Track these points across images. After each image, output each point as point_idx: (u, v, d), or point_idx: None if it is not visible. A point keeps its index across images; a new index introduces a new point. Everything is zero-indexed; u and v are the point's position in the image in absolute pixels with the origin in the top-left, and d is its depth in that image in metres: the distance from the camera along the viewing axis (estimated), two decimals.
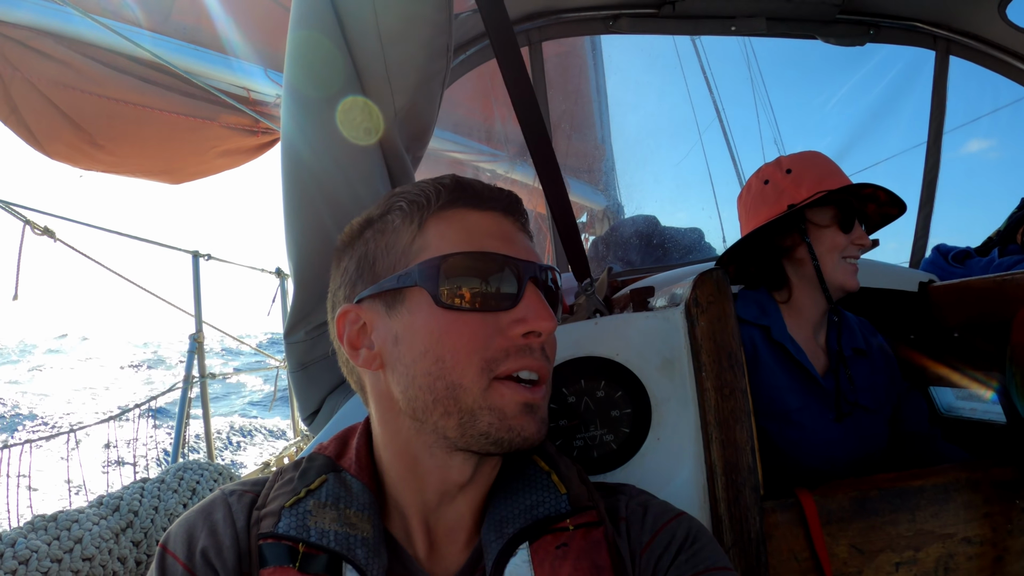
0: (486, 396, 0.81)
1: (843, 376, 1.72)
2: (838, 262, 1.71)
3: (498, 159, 4.49)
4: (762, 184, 1.81)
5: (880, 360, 1.84)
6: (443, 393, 0.81)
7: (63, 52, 3.64)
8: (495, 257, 0.85)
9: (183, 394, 4.64)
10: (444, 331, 0.82)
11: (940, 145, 2.98)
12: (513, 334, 0.83)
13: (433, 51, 1.28)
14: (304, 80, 1.29)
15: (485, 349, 0.82)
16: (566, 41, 4.08)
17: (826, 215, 1.73)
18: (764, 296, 1.81)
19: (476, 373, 0.81)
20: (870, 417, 1.74)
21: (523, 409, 0.82)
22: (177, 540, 0.83)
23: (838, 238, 1.71)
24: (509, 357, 0.82)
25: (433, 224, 0.87)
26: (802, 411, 1.69)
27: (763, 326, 1.75)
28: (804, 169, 1.75)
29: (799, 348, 1.73)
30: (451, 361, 0.81)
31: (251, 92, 4.08)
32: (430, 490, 0.87)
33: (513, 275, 0.85)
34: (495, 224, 0.89)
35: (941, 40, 2.87)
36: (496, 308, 0.83)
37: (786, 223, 1.75)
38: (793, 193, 1.72)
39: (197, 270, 5.04)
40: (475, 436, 0.82)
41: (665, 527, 0.90)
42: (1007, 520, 1.25)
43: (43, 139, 3.85)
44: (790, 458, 1.68)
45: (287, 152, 1.34)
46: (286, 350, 1.49)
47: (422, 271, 0.83)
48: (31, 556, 2.28)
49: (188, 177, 4.62)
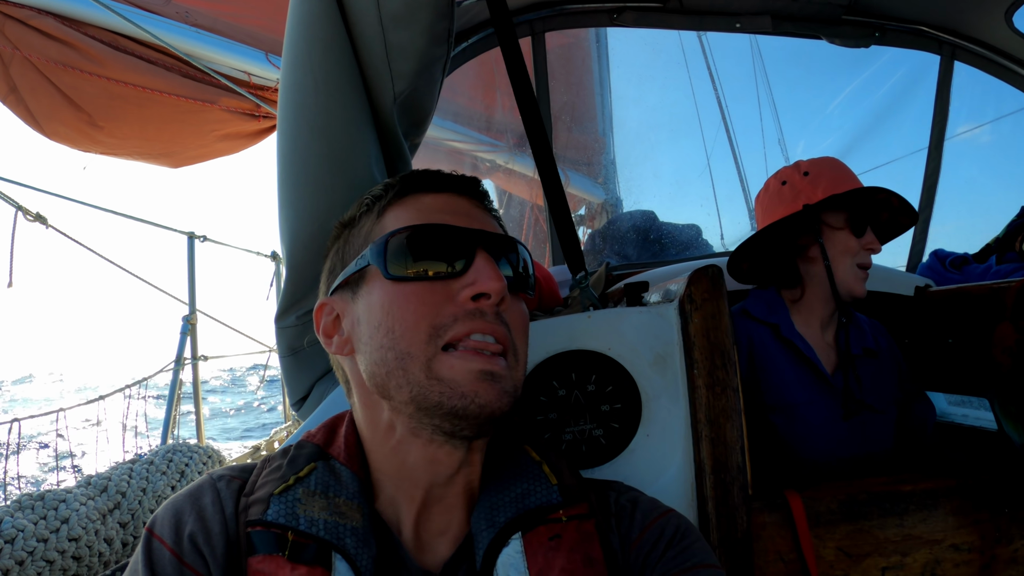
0: (433, 365, 0.81)
1: (851, 375, 1.76)
2: (849, 267, 1.76)
3: (497, 149, 4.47)
4: (780, 185, 1.87)
5: (889, 362, 1.88)
6: (394, 364, 0.82)
7: (64, 31, 3.60)
8: (442, 228, 0.86)
9: (174, 375, 4.63)
10: (393, 302, 0.83)
11: (941, 150, 2.97)
12: (462, 299, 0.83)
13: (434, 36, 1.27)
14: (302, 62, 1.28)
15: (434, 316, 0.82)
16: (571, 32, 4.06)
17: (839, 218, 1.78)
18: (773, 295, 1.88)
19: (424, 341, 0.81)
20: (876, 417, 1.78)
21: (479, 376, 0.80)
22: (164, 524, 0.82)
23: (850, 241, 1.76)
24: (458, 322, 0.82)
25: (390, 211, 0.91)
26: (809, 406, 1.74)
27: (772, 324, 1.81)
28: (821, 172, 1.81)
29: (808, 345, 1.78)
30: (399, 331, 0.82)
31: (252, 76, 4.05)
32: (419, 478, 0.87)
33: (462, 243, 0.86)
34: (448, 202, 0.92)
35: (946, 45, 2.86)
36: (443, 277, 0.84)
37: (801, 223, 1.80)
38: (809, 194, 1.78)
39: (192, 251, 5.05)
40: (430, 409, 0.80)
41: (654, 523, 0.90)
42: (995, 527, 1.25)
43: (42, 119, 3.82)
44: (795, 452, 1.72)
45: (283, 134, 1.33)
46: (276, 334, 1.47)
47: (373, 249, 0.86)
48: (17, 535, 2.27)
49: (188, 161, 4.60)
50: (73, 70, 3.67)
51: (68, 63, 3.65)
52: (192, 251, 5.02)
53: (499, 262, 0.88)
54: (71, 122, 3.83)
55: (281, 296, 1.42)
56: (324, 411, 1.19)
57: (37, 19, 3.57)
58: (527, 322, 0.92)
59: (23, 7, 3.53)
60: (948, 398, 2.54)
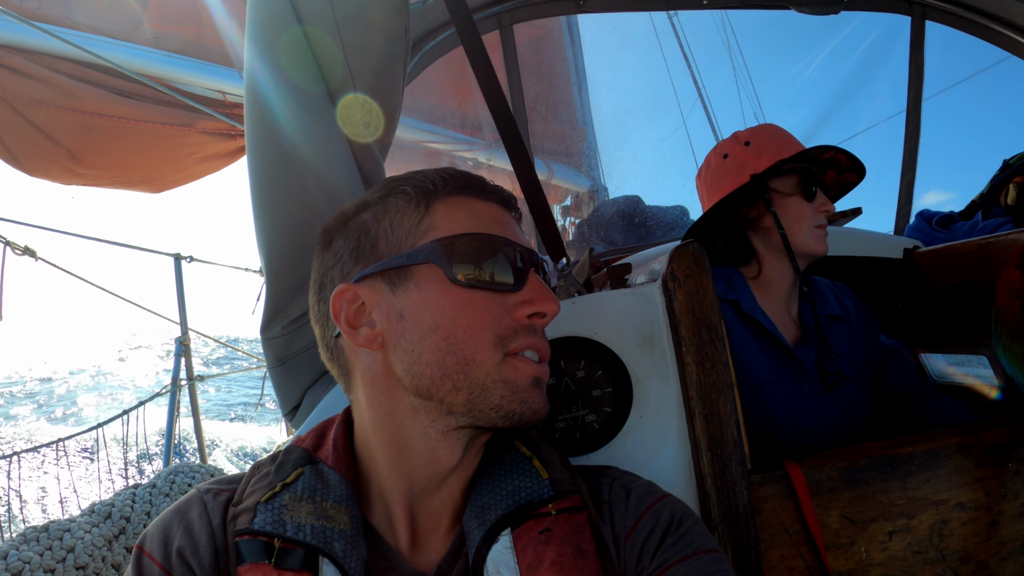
0: (500, 370, 0.83)
1: (823, 347, 1.71)
2: (807, 231, 1.70)
3: (476, 147, 4.46)
4: (721, 159, 1.81)
5: (857, 320, 1.83)
6: (452, 368, 0.82)
7: (35, 68, 3.59)
8: (505, 241, 0.88)
9: (171, 397, 4.63)
10: (457, 307, 0.84)
11: (920, 112, 2.95)
12: (519, 315, 0.86)
13: (391, 34, 1.27)
14: (262, 70, 1.27)
15: (497, 326, 0.84)
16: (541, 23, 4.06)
17: (788, 183, 1.72)
18: (732, 271, 1.80)
19: (490, 348, 0.83)
20: (849, 384, 1.72)
21: (533, 382, 0.85)
22: (153, 540, 0.83)
23: (803, 207, 1.70)
24: (518, 335, 0.85)
25: (440, 207, 0.90)
26: (775, 384, 1.67)
27: (732, 301, 1.74)
28: (763, 141, 1.75)
29: (769, 320, 1.72)
30: (463, 336, 0.83)
31: (227, 95, 4.05)
32: (418, 475, 0.87)
33: (519, 260, 0.88)
34: (499, 214, 0.93)
35: (916, 5, 2.84)
36: (504, 289, 0.86)
37: (750, 193, 1.75)
38: (754, 164, 1.72)
39: (180, 273, 5.04)
40: (484, 410, 0.83)
41: (649, 510, 0.89)
42: (1000, 484, 1.24)
43: (22, 158, 3.81)
44: (768, 433, 1.66)
45: (251, 145, 1.32)
46: (263, 346, 1.46)
47: (434, 249, 0.85)
48: (23, 568, 2.25)
49: (169, 185, 4.59)
50: (48, 106, 3.65)
51: (42, 100, 3.64)
52: (180, 272, 5.01)
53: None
54: (50, 158, 3.82)
55: (264, 307, 1.41)
56: (317, 417, 1.18)
57: (8, 58, 3.55)
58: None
59: None
60: (946, 358, 2.53)
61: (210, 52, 3.97)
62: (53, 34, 3.32)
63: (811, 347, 1.72)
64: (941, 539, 1.21)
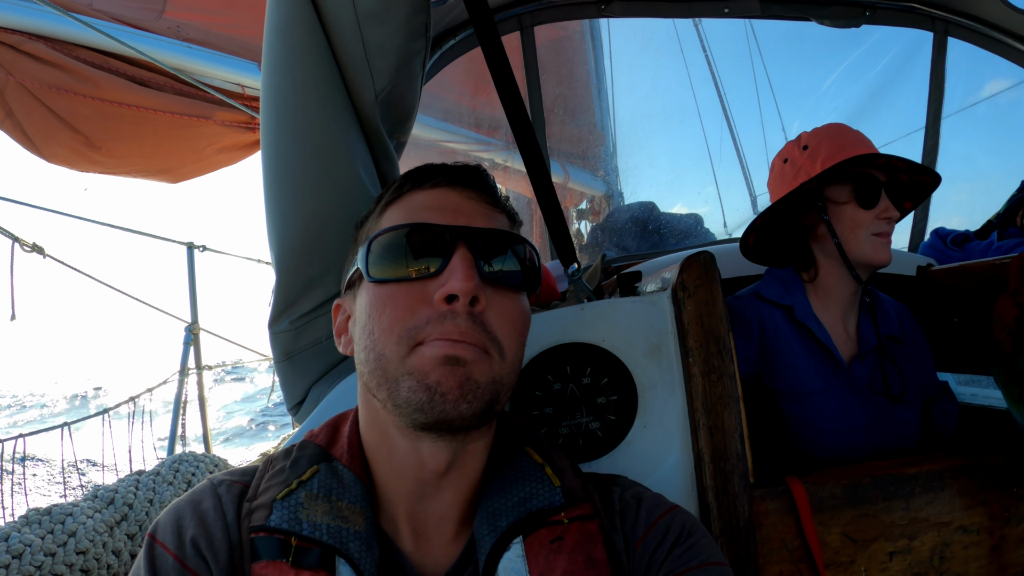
0: (405, 362, 0.79)
1: (887, 363, 1.66)
2: (864, 239, 1.62)
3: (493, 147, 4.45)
4: (782, 163, 1.75)
5: (916, 347, 1.77)
6: (374, 364, 0.82)
7: (56, 56, 3.62)
8: (417, 227, 0.85)
9: (179, 386, 4.65)
10: (373, 304, 0.84)
11: (939, 128, 2.93)
12: (436, 300, 0.80)
13: (411, 31, 1.26)
14: (280, 66, 1.27)
15: (409, 319, 0.81)
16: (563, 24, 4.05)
17: (843, 191, 1.64)
18: (790, 275, 1.75)
19: (395, 342, 0.80)
20: (900, 408, 1.66)
21: (443, 360, 0.78)
22: (166, 530, 0.82)
23: (858, 215, 1.62)
24: (429, 324, 0.80)
25: (389, 211, 0.91)
26: (823, 394, 1.63)
27: (786, 306, 1.70)
28: (819, 144, 1.67)
29: (823, 329, 1.67)
30: (378, 333, 0.82)
31: (246, 88, 4.07)
32: (408, 476, 0.86)
33: (440, 242, 0.83)
34: (436, 197, 0.90)
35: (939, 21, 2.82)
36: (423, 277, 0.83)
37: (804, 201, 1.69)
38: (808, 170, 1.65)
39: (192, 262, 5.09)
40: (400, 405, 0.79)
41: (659, 520, 0.89)
42: (1004, 508, 1.23)
43: (40, 143, 3.84)
44: (808, 444, 1.62)
45: (266, 139, 1.32)
46: (270, 340, 1.46)
47: (360, 253, 0.87)
48: (24, 550, 2.27)
49: (186, 175, 4.62)
50: (67, 93, 3.68)
51: (62, 86, 3.67)
52: (192, 261, 5.05)
53: (490, 259, 0.86)
54: (68, 144, 3.85)
55: (273, 301, 1.41)
56: (321, 413, 1.19)
57: (29, 44, 3.59)
58: (519, 319, 0.88)
59: (14, 33, 3.55)
60: (956, 378, 2.52)
61: (231, 43, 3.99)
62: (76, 19, 3.34)
63: (867, 362, 1.67)
64: (942, 561, 1.20)
